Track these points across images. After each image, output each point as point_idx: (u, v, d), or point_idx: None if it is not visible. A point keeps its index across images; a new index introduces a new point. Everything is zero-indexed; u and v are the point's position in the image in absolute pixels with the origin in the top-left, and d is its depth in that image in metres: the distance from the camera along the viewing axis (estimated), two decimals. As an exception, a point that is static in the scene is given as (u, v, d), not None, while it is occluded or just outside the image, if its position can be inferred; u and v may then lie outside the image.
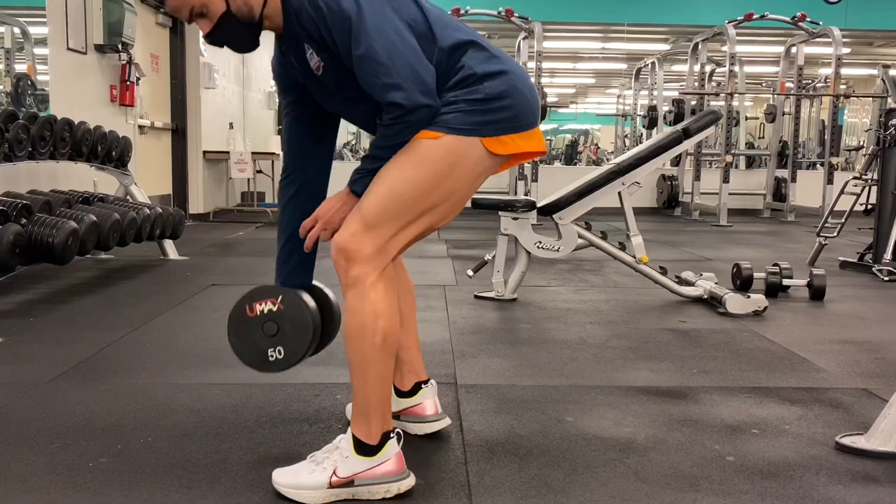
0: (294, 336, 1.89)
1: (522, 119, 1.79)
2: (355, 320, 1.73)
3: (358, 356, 1.75)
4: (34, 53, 7.79)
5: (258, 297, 1.89)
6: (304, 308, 1.90)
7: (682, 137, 4.12)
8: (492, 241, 4.32)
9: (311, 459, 1.80)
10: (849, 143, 14.53)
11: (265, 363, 1.90)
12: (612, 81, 19.68)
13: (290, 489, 1.76)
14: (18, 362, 2.87)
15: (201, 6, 1.70)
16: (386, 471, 1.75)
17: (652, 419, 2.31)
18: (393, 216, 1.73)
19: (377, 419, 1.75)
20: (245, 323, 1.90)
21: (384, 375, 1.76)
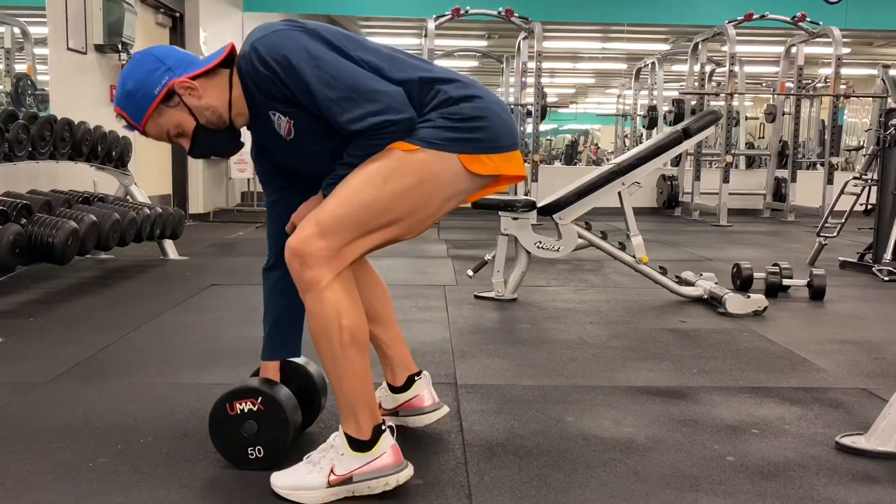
0: (273, 435, 1.88)
1: (501, 140, 1.79)
2: (317, 323, 1.72)
3: (328, 357, 1.74)
4: (34, 53, 7.78)
5: (238, 397, 1.89)
6: (281, 408, 1.89)
7: (682, 137, 4.13)
8: (492, 241, 4.33)
9: (308, 460, 1.80)
10: (849, 143, 14.54)
11: (245, 461, 1.89)
12: (612, 81, 19.70)
13: (289, 491, 1.76)
14: (18, 362, 2.87)
15: (176, 127, 1.78)
16: (383, 464, 1.75)
17: (652, 419, 2.31)
18: (351, 224, 1.71)
19: (364, 414, 1.75)
20: (225, 421, 1.89)
21: (359, 371, 1.74)
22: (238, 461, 1.90)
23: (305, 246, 1.69)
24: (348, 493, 1.75)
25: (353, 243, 1.73)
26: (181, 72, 1.74)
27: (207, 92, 1.76)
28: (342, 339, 1.71)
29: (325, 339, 1.72)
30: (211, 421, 1.90)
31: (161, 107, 1.74)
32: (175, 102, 1.75)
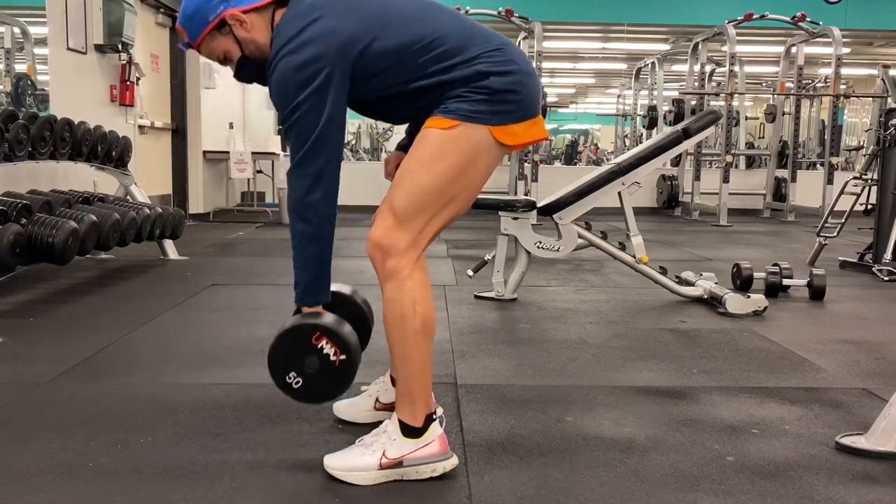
0: (322, 387, 1.90)
1: (527, 109, 1.86)
2: (395, 310, 1.82)
3: (400, 344, 1.84)
4: (34, 53, 7.79)
5: (332, 336, 1.87)
6: (350, 375, 1.90)
7: (682, 137, 4.13)
8: (492, 241, 4.33)
9: (360, 443, 1.88)
10: (849, 143, 14.54)
11: (282, 382, 1.90)
12: (612, 81, 19.68)
13: (342, 472, 1.84)
14: (18, 362, 2.87)
15: (224, 53, 1.89)
16: (431, 452, 1.84)
17: (652, 419, 2.31)
18: (420, 210, 1.82)
19: (421, 403, 1.85)
20: (301, 341, 1.87)
21: (425, 360, 1.86)
22: (277, 375, 1.90)
23: (385, 238, 1.81)
24: (398, 477, 1.83)
25: (425, 228, 1.84)
26: (235, 4, 1.83)
27: (255, 26, 1.85)
28: (415, 327, 1.82)
29: (400, 326, 1.83)
30: (291, 330, 1.88)
31: (214, 33, 1.85)
32: (226, 31, 1.85)
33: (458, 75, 1.80)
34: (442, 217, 1.86)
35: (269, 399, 2.43)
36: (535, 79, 1.90)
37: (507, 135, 1.83)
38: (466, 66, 1.80)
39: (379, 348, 3.04)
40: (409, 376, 1.85)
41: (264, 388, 2.54)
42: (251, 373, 2.76)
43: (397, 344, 1.85)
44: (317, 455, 1.99)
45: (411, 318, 1.81)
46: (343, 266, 5.27)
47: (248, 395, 2.47)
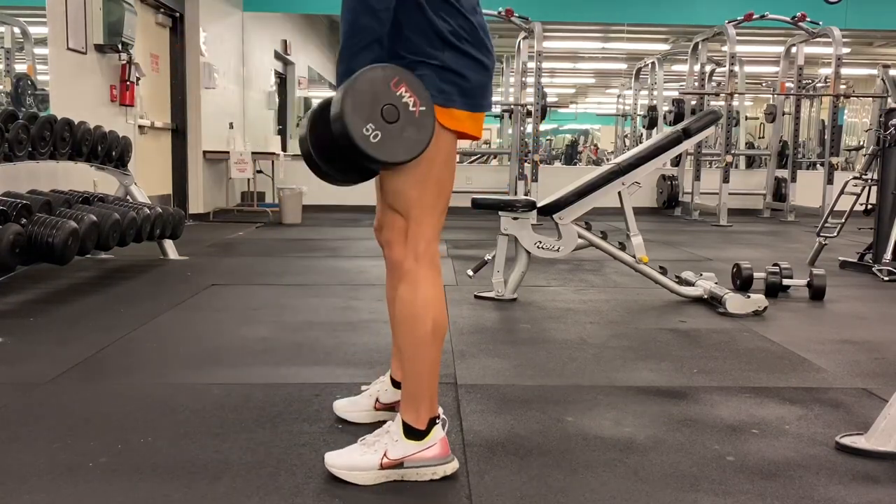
0: (400, 141, 1.68)
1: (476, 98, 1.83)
2: (407, 310, 1.83)
3: (410, 343, 1.85)
4: (34, 53, 7.78)
5: (411, 84, 1.68)
6: (428, 130, 1.71)
7: (682, 137, 4.13)
8: (492, 241, 4.33)
9: (363, 442, 1.88)
10: (849, 143, 14.54)
11: (360, 135, 1.64)
12: (612, 81, 19.71)
13: (343, 470, 1.84)
14: (18, 362, 2.87)
15: None
16: (433, 454, 1.85)
17: (652, 419, 2.31)
18: (416, 203, 1.81)
19: (425, 405, 1.85)
20: (378, 87, 1.66)
21: (432, 363, 1.85)
22: (355, 125, 1.64)
23: (399, 237, 1.85)
24: (398, 477, 1.84)
25: (434, 226, 1.85)
26: None
27: None
28: (425, 328, 1.82)
29: (409, 326, 1.83)
30: (366, 74, 1.67)
31: None
32: None
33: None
34: (442, 210, 1.87)
35: (269, 399, 2.43)
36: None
37: (449, 118, 1.80)
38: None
39: (379, 348, 3.06)
40: (417, 378, 1.84)
41: (264, 388, 2.55)
42: (251, 373, 2.76)
43: (407, 344, 1.86)
44: (317, 455, 1.99)
45: (421, 321, 1.82)
46: (343, 266, 5.28)
47: (248, 395, 2.47)
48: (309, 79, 13.31)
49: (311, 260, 5.63)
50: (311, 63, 13.55)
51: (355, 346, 3.11)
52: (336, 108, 1.66)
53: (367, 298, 4.09)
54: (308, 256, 5.83)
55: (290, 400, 2.43)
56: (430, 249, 1.85)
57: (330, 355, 2.99)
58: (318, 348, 3.09)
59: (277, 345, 3.14)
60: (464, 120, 1.82)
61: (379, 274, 4.87)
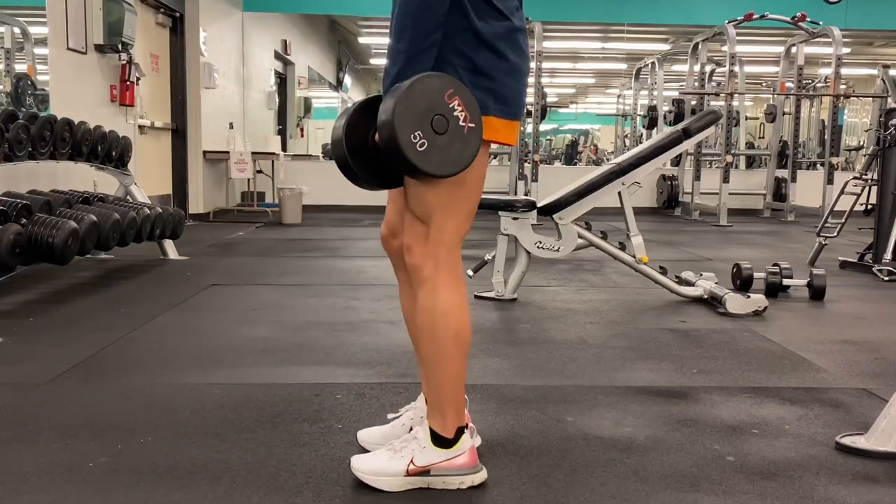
0: (445, 154, 1.63)
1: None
2: (427, 318, 1.78)
3: (430, 352, 1.80)
4: (34, 53, 7.79)
5: (464, 98, 1.64)
6: (474, 147, 1.66)
7: (682, 137, 4.13)
8: (492, 241, 4.33)
9: (390, 447, 1.85)
10: (849, 143, 14.53)
11: (406, 140, 1.60)
12: (612, 81, 19.70)
13: (369, 475, 1.81)
14: (18, 362, 2.87)
15: None
16: (461, 463, 1.81)
17: (652, 419, 2.31)
18: (441, 210, 1.75)
19: (452, 414, 1.80)
20: (432, 96, 1.61)
21: (458, 371, 1.80)
22: (402, 129, 1.60)
23: (418, 246, 1.77)
24: (423, 485, 1.81)
25: (455, 233, 1.79)
26: None
27: None
28: (446, 336, 1.77)
29: (430, 334, 1.78)
30: (425, 80, 1.62)
31: None
32: None
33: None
34: (465, 215, 1.80)
35: (269, 399, 2.43)
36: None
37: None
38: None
39: (378, 348, 3.06)
40: (441, 386, 1.79)
41: (264, 388, 2.55)
42: (251, 373, 2.76)
43: (428, 353, 1.80)
44: (317, 455, 1.99)
45: (442, 328, 1.76)
46: (343, 266, 5.28)
47: (248, 395, 2.47)
48: (309, 79, 13.31)
49: (310, 260, 5.63)
50: (311, 63, 13.55)
51: (355, 346, 3.11)
52: (387, 110, 1.61)
53: (366, 298, 4.09)
54: (308, 256, 5.83)
55: (290, 400, 2.43)
56: (452, 257, 1.79)
57: (330, 355, 2.99)
58: (318, 348, 3.09)
59: (277, 345, 3.14)
60: (500, 129, 1.75)
61: (379, 274, 4.87)
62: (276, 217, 8.38)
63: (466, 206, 1.80)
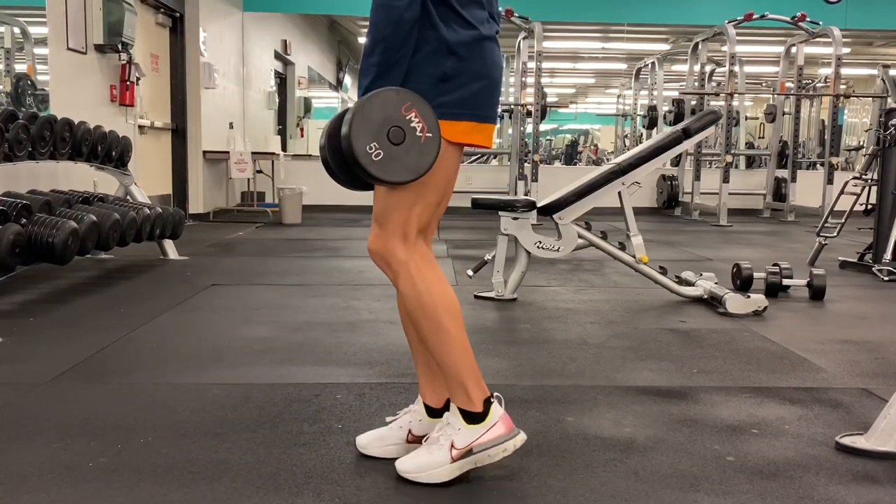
0: (400, 164, 1.72)
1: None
2: (412, 303, 1.82)
3: (429, 332, 1.82)
4: (34, 53, 7.80)
5: (421, 109, 1.72)
6: (431, 157, 1.74)
7: (682, 137, 4.13)
8: (492, 241, 4.32)
9: (427, 442, 1.87)
10: (849, 143, 14.53)
11: (362, 151, 1.68)
12: (612, 81, 19.70)
13: (416, 473, 1.83)
14: (18, 362, 2.87)
15: None
16: (498, 433, 1.83)
17: (652, 419, 2.31)
18: (396, 208, 1.81)
19: (473, 386, 1.82)
20: (390, 109, 1.70)
21: (460, 341, 1.83)
22: (358, 140, 1.69)
23: (377, 245, 1.83)
24: (472, 465, 1.82)
25: (408, 222, 1.81)
26: None
27: None
28: (436, 310, 1.80)
29: (420, 315, 1.81)
30: (381, 94, 1.70)
31: None
32: None
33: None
34: (423, 205, 1.83)
35: (269, 399, 2.43)
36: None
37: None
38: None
39: (378, 348, 3.06)
40: (452, 362, 1.82)
41: (264, 388, 2.55)
42: (251, 373, 2.76)
43: (429, 334, 1.82)
44: (317, 455, 1.99)
45: (430, 306, 1.80)
46: (343, 266, 5.28)
47: (248, 395, 2.47)
48: (309, 79, 13.31)
49: (311, 260, 5.63)
50: (310, 63, 13.55)
51: (355, 346, 3.11)
52: (345, 124, 1.70)
53: (366, 298, 4.09)
54: (308, 256, 5.83)
55: (290, 400, 2.43)
56: (416, 242, 1.83)
57: (330, 355, 2.99)
58: (318, 348, 3.09)
59: (277, 345, 3.14)
60: (470, 132, 1.81)
61: (379, 274, 4.84)
62: (276, 217, 8.38)
63: (433, 198, 1.85)
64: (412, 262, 1.82)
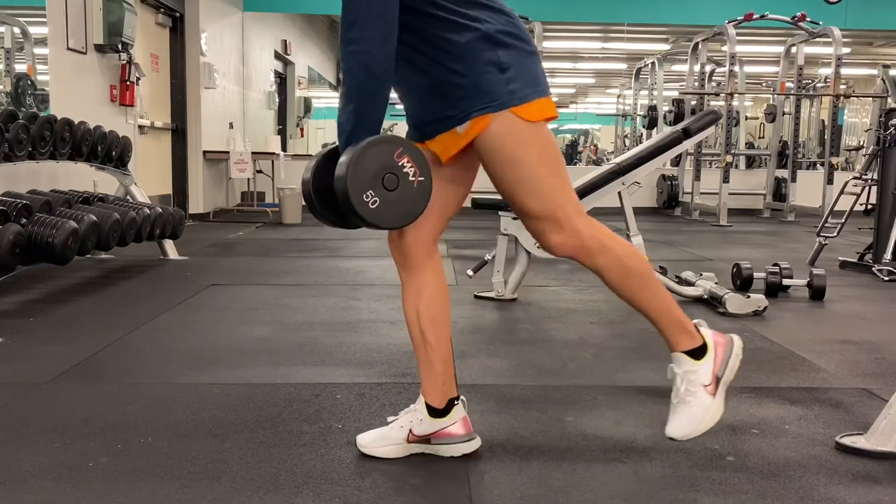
0: (397, 209, 1.77)
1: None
2: (616, 274, 1.86)
3: (641, 290, 1.88)
4: (34, 53, 7.80)
5: (414, 155, 1.77)
6: (424, 199, 1.80)
7: (682, 137, 4.12)
8: (492, 241, 4.32)
9: (677, 403, 1.95)
10: (849, 143, 14.54)
11: (359, 200, 1.73)
12: (612, 81, 19.71)
13: (692, 428, 1.91)
14: (18, 362, 2.87)
15: None
16: (725, 351, 2.00)
17: (652, 419, 2.31)
18: (551, 198, 1.84)
19: (688, 324, 1.93)
20: (383, 157, 1.74)
21: (659, 285, 1.92)
22: (354, 190, 1.72)
23: (561, 238, 1.85)
24: (725, 387, 1.95)
25: (569, 198, 1.87)
26: None
27: None
28: (638, 266, 1.87)
29: (628, 280, 1.87)
30: (375, 143, 1.74)
31: None
32: None
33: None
34: (566, 180, 1.89)
35: (269, 399, 2.43)
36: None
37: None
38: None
39: (378, 348, 3.06)
40: (666, 307, 1.90)
41: (264, 388, 2.55)
42: (251, 373, 2.76)
43: (640, 291, 1.88)
44: (317, 455, 1.99)
45: (632, 265, 1.86)
46: (343, 266, 5.28)
47: (248, 395, 2.47)
48: (309, 79, 13.32)
49: (310, 260, 5.63)
50: (311, 63, 13.55)
51: (355, 346, 3.11)
52: (341, 174, 1.73)
53: (366, 298, 4.09)
54: (308, 256, 5.83)
55: (290, 400, 2.43)
56: (585, 218, 1.86)
57: (330, 355, 2.99)
58: (318, 348, 3.09)
59: (277, 345, 3.14)
60: (545, 107, 1.83)
61: (379, 274, 4.87)
62: (276, 217, 8.38)
63: (565, 170, 1.89)
64: (594, 235, 1.85)
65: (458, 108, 1.79)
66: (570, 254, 1.87)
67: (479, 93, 1.77)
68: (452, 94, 1.79)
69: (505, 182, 1.86)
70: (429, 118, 1.87)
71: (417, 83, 1.85)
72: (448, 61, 1.77)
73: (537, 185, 1.83)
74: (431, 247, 2.00)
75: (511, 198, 1.88)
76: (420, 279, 1.96)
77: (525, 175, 1.82)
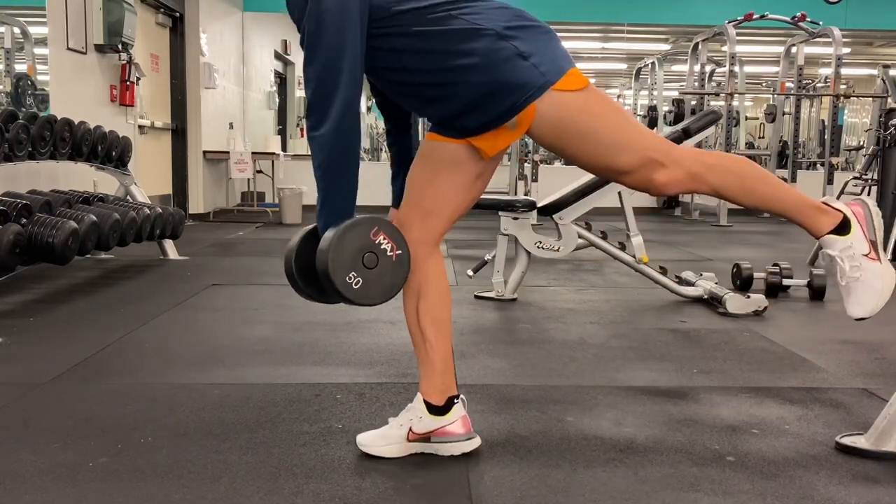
0: (380, 286, 1.83)
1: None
2: (735, 186, 1.85)
3: (756, 183, 1.86)
4: (34, 53, 7.80)
5: (389, 231, 1.84)
6: (405, 270, 1.87)
7: (683, 137, 4.12)
8: (492, 241, 4.33)
9: (851, 281, 2.04)
10: (849, 143, 14.54)
11: (343, 284, 1.78)
12: (612, 81, 19.69)
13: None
14: (18, 362, 2.87)
15: None
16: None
17: (652, 419, 2.31)
18: (634, 146, 1.82)
19: (822, 206, 1.90)
20: (361, 238, 1.81)
21: (773, 178, 1.92)
22: (338, 275, 1.78)
23: (667, 175, 1.82)
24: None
25: (652, 139, 1.86)
26: None
27: None
28: (752, 168, 1.87)
29: (746, 182, 1.85)
30: (352, 227, 1.81)
31: None
32: None
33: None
34: (634, 123, 1.89)
35: (269, 399, 2.43)
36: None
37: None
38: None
39: (378, 348, 3.06)
40: (796, 198, 1.89)
41: (264, 388, 2.55)
42: (251, 373, 2.76)
43: (765, 193, 1.87)
44: (317, 455, 1.99)
45: (744, 171, 1.84)
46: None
47: (248, 395, 2.47)
48: (309, 79, 13.29)
49: (311, 260, 5.62)
50: (311, 63, 13.53)
51: (355, 346, 3.11)
52: (322, 261, 1.78)
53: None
54: (308, 256, 5.82)
55: (290, 400, 2.43)
56: (679, 150, 1.86)
57: (330, 355, 2.99)
58: (319, 348, 3.09)
59: (277, 345, 3.14)
60: (577, 75, 1.83)
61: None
62: (276, 217, 8.38)
63: (637, 122, 1.90)
64: (694, 154, 1.85)
65: (503, 107, 1.78)
66: (682, 187, 1.85)
67: (516, 88, 1.75)
68: (489, 102, 1.78)
69: (589, 155, 1.84)
70: (472, 124, 1.85)
71: (450, 108, 1.85)
72: (472, 76, 1.76)
73: (619, 141, 1.81)
74: (433, 247, 2.01)
75: (603, 168, 1.87)
76: (421, 278, 1.97)
77: (601, 139, 1.81)
